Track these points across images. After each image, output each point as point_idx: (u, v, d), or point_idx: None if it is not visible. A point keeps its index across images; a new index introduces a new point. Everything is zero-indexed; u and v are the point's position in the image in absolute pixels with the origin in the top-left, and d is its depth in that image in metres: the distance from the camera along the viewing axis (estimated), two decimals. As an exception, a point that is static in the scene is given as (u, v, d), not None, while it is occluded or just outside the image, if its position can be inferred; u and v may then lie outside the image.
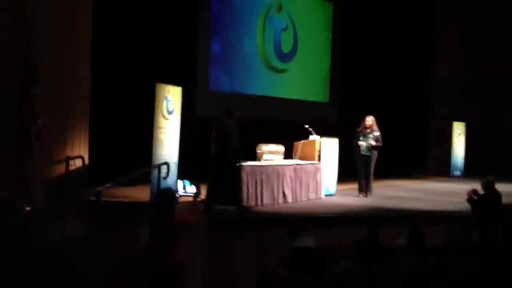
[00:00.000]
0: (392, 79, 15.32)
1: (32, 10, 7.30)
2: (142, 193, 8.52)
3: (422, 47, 16.09)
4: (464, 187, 12.18)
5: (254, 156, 8.94)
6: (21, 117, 6.85)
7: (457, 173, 15.13)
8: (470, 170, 15.50)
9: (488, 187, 7.82)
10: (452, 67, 16.33)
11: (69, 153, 7.71)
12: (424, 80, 16.44)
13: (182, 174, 8.53)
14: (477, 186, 11.88)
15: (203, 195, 7.23)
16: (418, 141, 16.05)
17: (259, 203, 8.15)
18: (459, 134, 15.13)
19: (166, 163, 6.83)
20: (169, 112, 8.12)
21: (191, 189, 7.67)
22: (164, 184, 7.88)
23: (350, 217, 7.62)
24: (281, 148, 9.00)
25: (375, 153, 9.71)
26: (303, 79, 14.02)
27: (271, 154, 8.72)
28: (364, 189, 9.74)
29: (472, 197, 7.78)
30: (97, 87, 8.58)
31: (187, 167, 8.82)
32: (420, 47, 15.97)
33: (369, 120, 9.75)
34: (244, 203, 7.86)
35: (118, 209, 6.95)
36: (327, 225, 7.14)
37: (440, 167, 16.07)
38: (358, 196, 9.67)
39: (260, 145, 8.70)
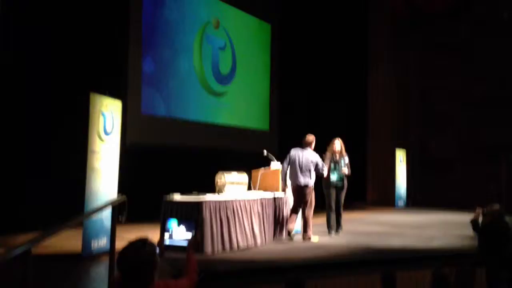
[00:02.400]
0: (330, 105, 14.16)
1: None
2: (65, 240, 6.29)
3: (357, 72, 15.20)
4: (423, 219, 11.12)
5: (200, 187, 6.96)
6: None
7: (401, 203, 14.01)
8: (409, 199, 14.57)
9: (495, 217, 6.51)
10: (386, 92, 15.47)
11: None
12: (361, 107, 15.48)
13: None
14: (428, 216, 10.82)
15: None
16: (356, 169, 14.84)
17: (227, 247, 6.20)
18: (401, 162, 14.09)
19: (123, 201, 4.55)
20: (107, 133, 6.04)
21: (182, 234, 4.42)
22: (95, 227, 5.75)
23: (347, 261, 5.88)
24: (245, 178, 7.16)
25: (346, 183, 8.17)
26: (242, 105, 12.36)
27: (234, 184, 6.85)
28: (335, 226, 8.08)
29: (477, 220, 6.45)
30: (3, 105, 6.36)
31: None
32: (356, 71, 15.07)
33: (338, 143, 8.20)
34: (209, 249, 5.90)
35: (40, 266, 4.72)
36: (324, 274, 5.36)
37: (379, 196, 14.99)
38: (330, 234, 7.90)
39: (220, 173, 6.79)
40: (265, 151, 8.27)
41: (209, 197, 6.20)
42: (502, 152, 13.99)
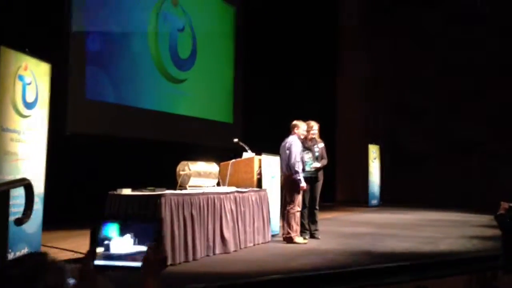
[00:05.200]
0: (297, 96, 12.73)
1: None
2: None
3: (327, 62, 13.87)
4: (407, 218, 9.80)
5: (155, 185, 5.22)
6: None
7: (374, 202, 12.70)
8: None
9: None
10: (356, 85, 14.21)
11: None
12: (330, 99, 14.14)
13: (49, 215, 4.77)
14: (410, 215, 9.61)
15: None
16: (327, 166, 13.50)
17: (190, 256, 4.60)
18: (375, 159, 12.80)
19: (27, 184, 2.86)
20: (28, 105, 4.33)
21: (129, 246, 1.85)
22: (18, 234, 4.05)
23: (363, 270, 4.40)
24: (214, 168, 5.58)
25: (321, 174, 6.65)
26: (204, 94, 10.72)
27: (201, 177, 5.25)
28: (309, 228, 6.41)
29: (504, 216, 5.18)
30: None
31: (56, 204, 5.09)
32: (325, 61, 13.73)
33: (316, 128, 6.72)
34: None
35: None
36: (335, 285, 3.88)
37: (349, 195, 13.69)
38: (305, 239, 6.08)
39: (184, 163, 5.19)
40: (235, 139, 6.78)
41: (169, 192, 4.61)
42: (475, 147, 13.05)
